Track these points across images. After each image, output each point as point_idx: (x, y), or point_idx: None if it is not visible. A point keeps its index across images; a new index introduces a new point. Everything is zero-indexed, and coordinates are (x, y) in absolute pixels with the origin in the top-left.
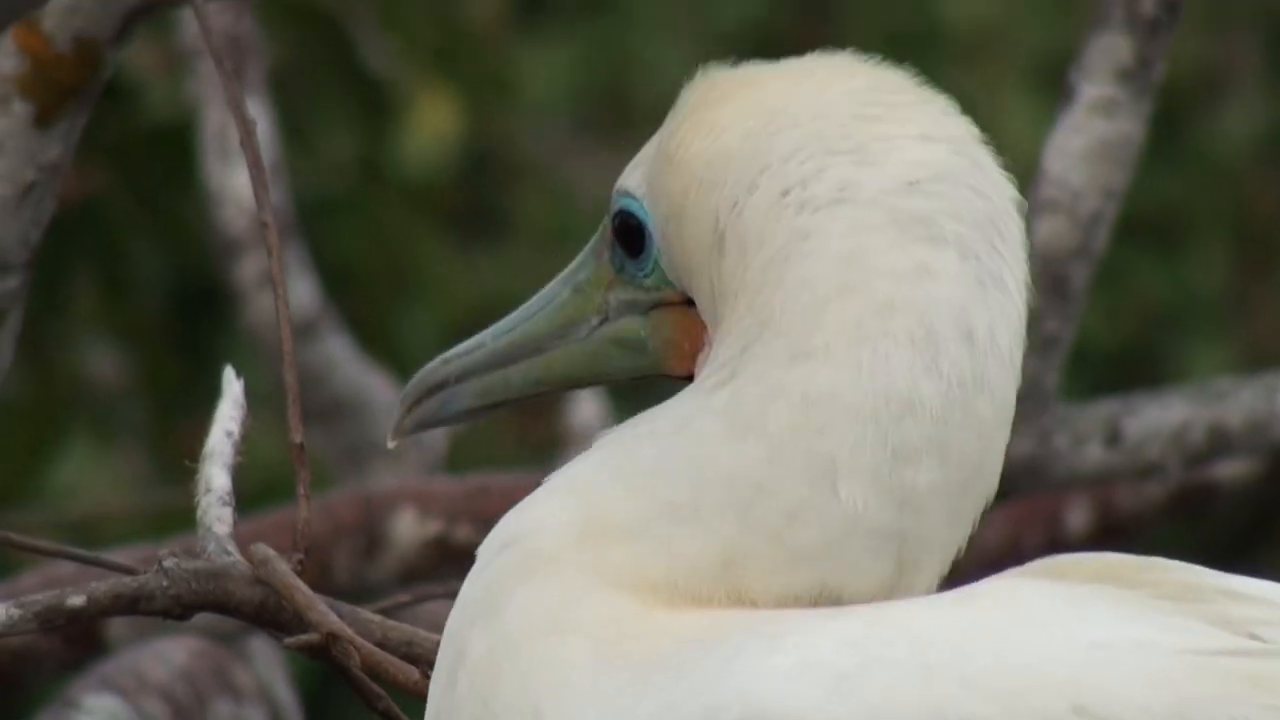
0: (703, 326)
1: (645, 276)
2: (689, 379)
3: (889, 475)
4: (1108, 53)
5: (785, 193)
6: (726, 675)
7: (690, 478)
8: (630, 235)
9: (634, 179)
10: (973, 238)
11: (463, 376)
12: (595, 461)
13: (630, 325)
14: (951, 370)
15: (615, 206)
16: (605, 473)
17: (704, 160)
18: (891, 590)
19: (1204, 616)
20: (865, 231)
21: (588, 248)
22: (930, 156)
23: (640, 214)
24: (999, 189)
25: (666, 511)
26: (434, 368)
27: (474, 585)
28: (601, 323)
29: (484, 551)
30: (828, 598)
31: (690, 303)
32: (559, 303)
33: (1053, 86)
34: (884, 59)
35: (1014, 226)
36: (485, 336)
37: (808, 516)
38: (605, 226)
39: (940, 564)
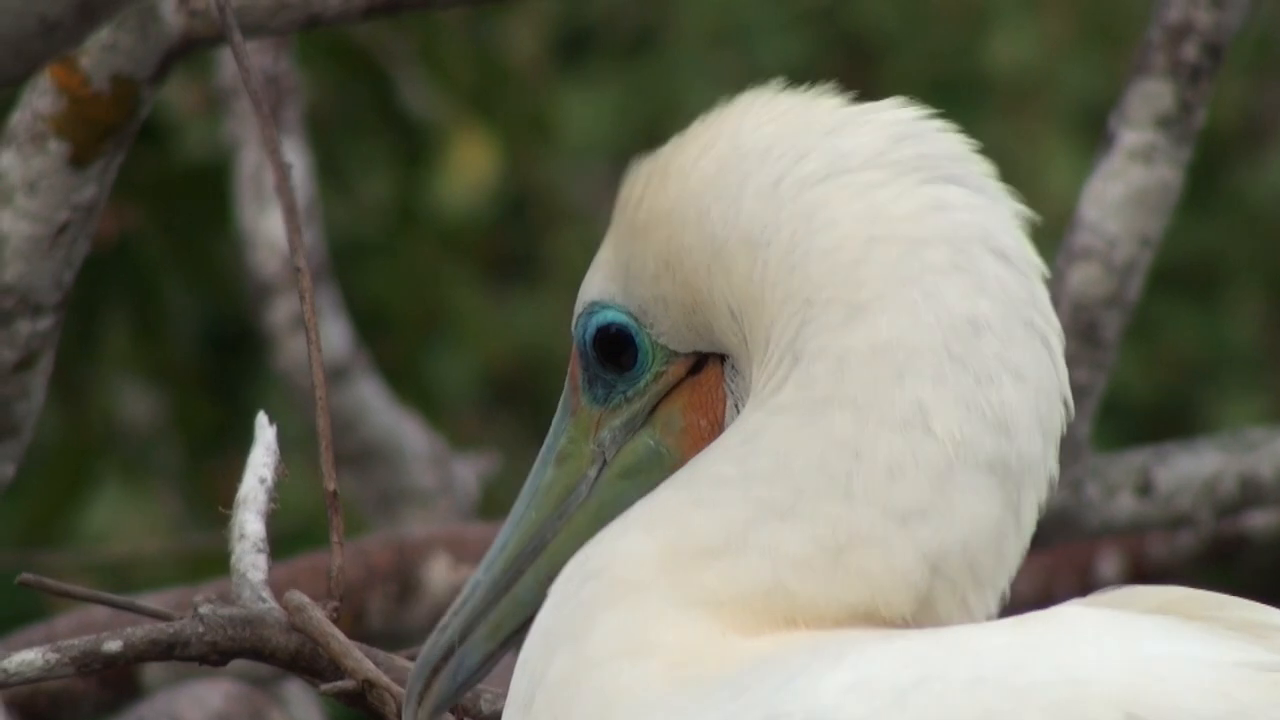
0: (716, 384)
1: (642, 375)
2: None
3: (976, 399)
4: (1149, 99)
5: (777, 182)
6: (788, 691)
7: (781, 473)
8: (614, 346)
9: (593, 289)
10: (967, 172)
11: (466, 631)
12: (663, 493)
13: (634, 446)
14: (997, 285)
15: (585, 332)
16: (680, 499)
17: (683, 200)
18: (1004, 539)
19: (1263, 643)
20: (872, 188)
21: (556, 419)
22: (901, 115)
23: (617, 318)
24: (959, 138)
25: (764, 513)
26: (432, 644)
27: (555, 616)
28: (601, 469)
29: (562, 585)
30: (944, 563)
31: (695, 369)
32: (545, 484)
33: (1095, 133)
34: (927, 105)
35: (984, 168)
36: (475, 580)
37: (909, 466)
38: (570, 377)
39: (1039, 498)
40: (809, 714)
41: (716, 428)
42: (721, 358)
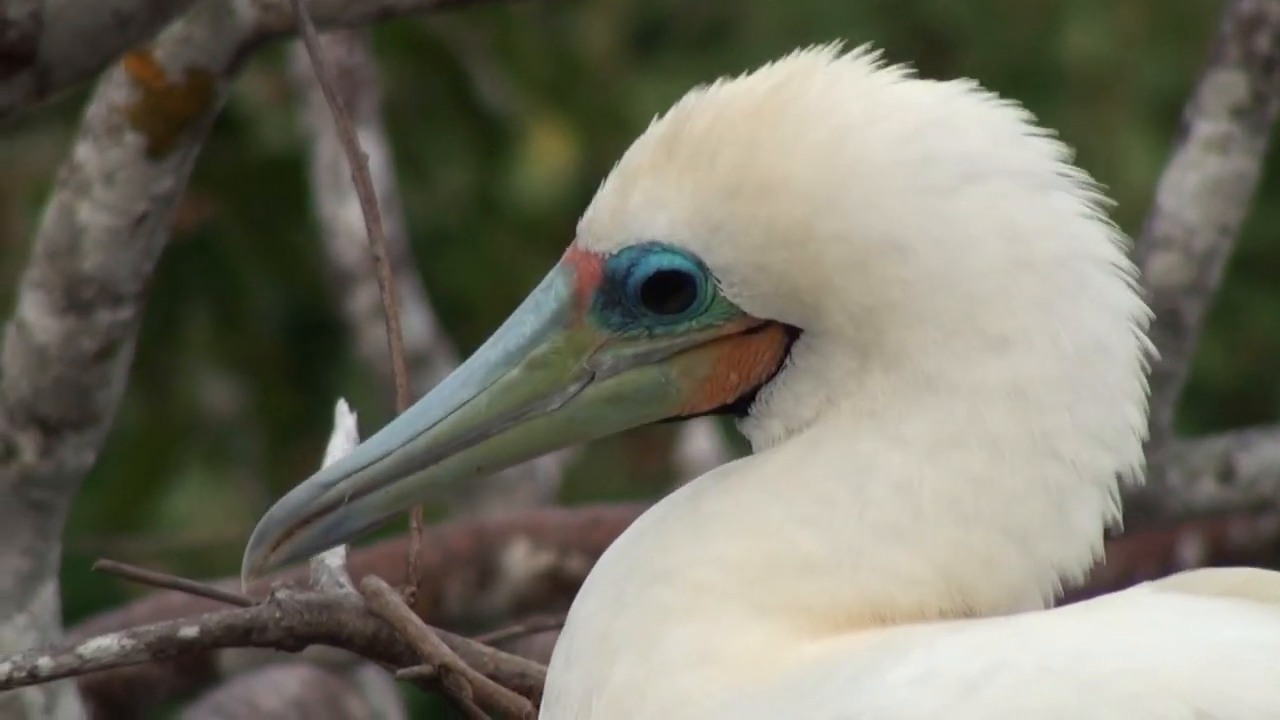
0: (767, 348)
1: (683, 321)
2: (709, 412)
3: (1101, 425)
4: (1223, 90)
5: (910, 186)
6: (854, 688)
7: (902, 501)
8: (667, 288)
9: (659, 228)
10: (1067, 178)
11: (360, 492)
12: (757, 502)
13: (639, 376)
14: (1116, 306)
15: (636, 268)
16: (783, 512)
17: (812, 183)
18: (1099, 545)
19: None
20: (1003, 198)
21: (532, 321)
22: (985, 111)
23: (683, 264)
24: (1049, 140)
25: (880, 536)
26: (308, 493)
27: (617, 618)
28: (583, 387)
29: (618, 583)
30: (1050, 575)
31: (753, 329)
32: (506, 383)
33: (1171, 123)
34: (1003, 96)
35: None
36: (381, 445)
37: (1036, 492)
38: (574, 292)
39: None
40: (875, 713)
41: (745, 382)
42: (787, 329)
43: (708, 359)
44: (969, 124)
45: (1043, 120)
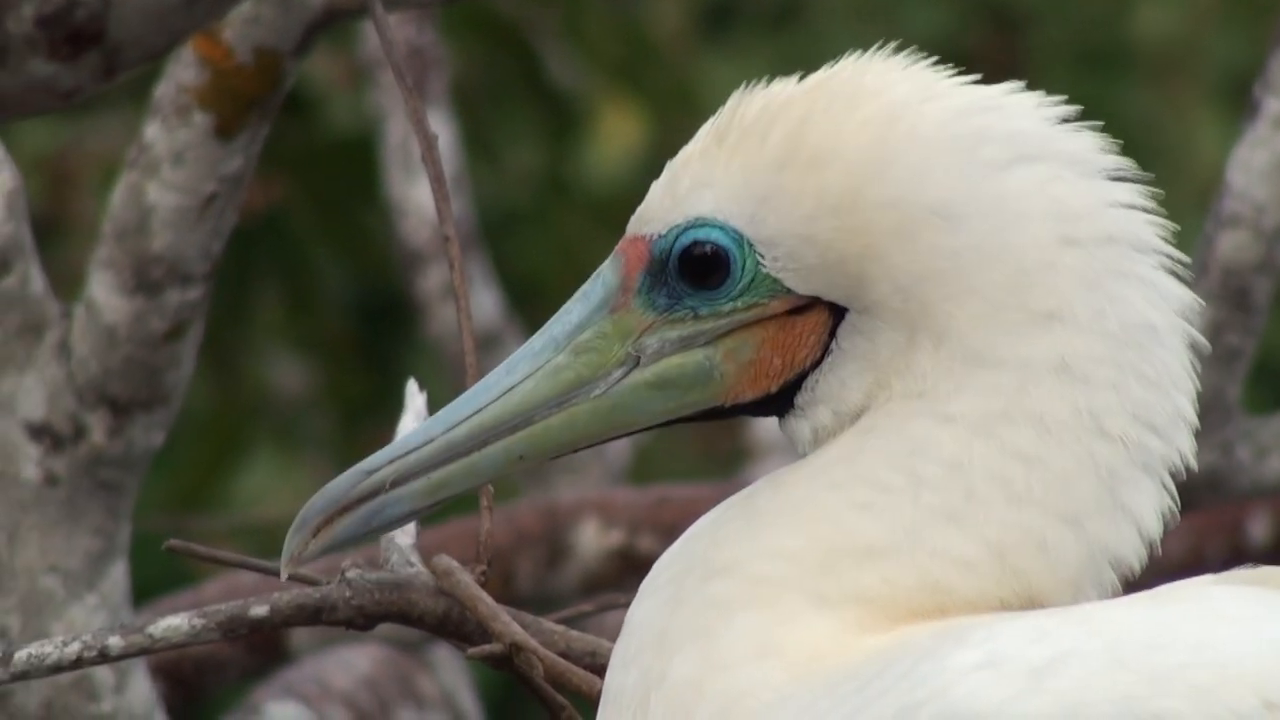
0: (812, 330)
1: (725, 301)
2: (743, 407)
3: (1148, 407)
4: None
5: (963, 160)
6: (917, 675)
7: (955, 482)
8: (703, 264)
9: (705, 205)
10: (1116, 164)
11: (400, 480)
12: (813, 494)
13: (683, 361)
14: (1165, 290)
15: (675, 241)
16: (839, 501)
17: (865, 151)
18: (1155, 531)
19: None
20: (1052, 181)
21: (581, 308)
22: (1046, 102)
23: (723, 238)
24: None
25: (934, 518)
26: (349, 480)
27: (675, 614)
28: (628, 372)
29: (678, 578)
30: (1097, 561)
31: (797, 310)
32: (552, 368)
33: (1241, 101)
34: (1073, 74)
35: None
36: (424, 432)
37: (1085, 471)
38: (621, 275)
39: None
40: (940, 700)
41: (790, 368)
42: (837, 309)
43: (752, 341)
44: (1021, 110)
45: (1113, 98)
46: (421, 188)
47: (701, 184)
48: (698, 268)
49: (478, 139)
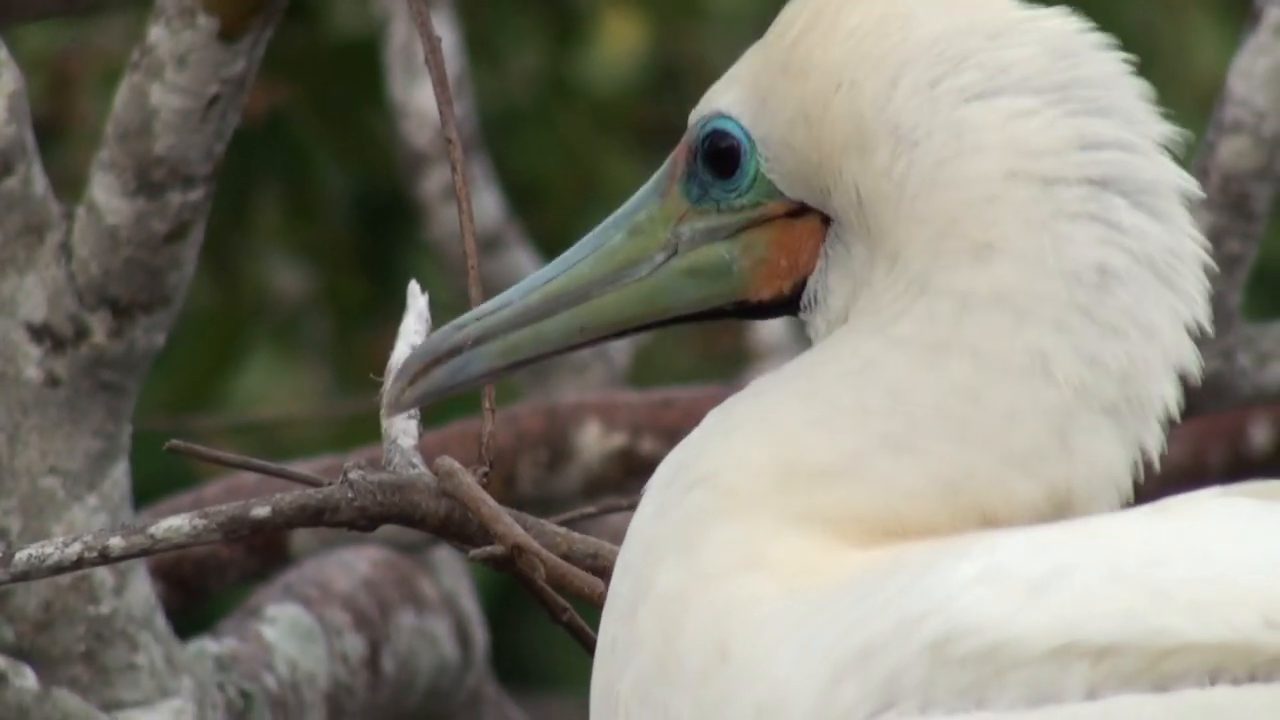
0: (809, 236)
1: (738, 196)
2: (769, 305)
3: (1100, 350)
4: None
5: (935, 83)
6: (916, 589)
7: (897, 409)
8: (722, 157)
9: (726, 99)
10: (1121, 102)
11: (482, 338)
12: (779, 403)
13: (710, 252)
14: (1135, 234)
15: (703, 131)
16: (797, 416)
17: (842, 62)
18: (1124, 473)
19: None
20: (1021, 116)
21: (643, 190)
22: (1064, 28)
23: (737, 132)
24: (1117, 59)
25: (879, 447)
26: (444, 334)
27: (659, 523)
28: (669, 258)
29: (665, 486)
30: (1058, 501)
31: (794, 214)
32: (609, 248)
33: (1241, 8)
34: None
35: (1136, 89)
36: (507, 297)
37: (1028, 413)
38: (672, 161)
39: (1161, 426)
40: (940, 614)
41: (795, 270)
42: (824, 218)
43: (763, 240)
44: (1032, 40)
45: (1110, 6)
46: (424, 90)
47: (732, 78)
48: (717, 159)
49: (480, 41)
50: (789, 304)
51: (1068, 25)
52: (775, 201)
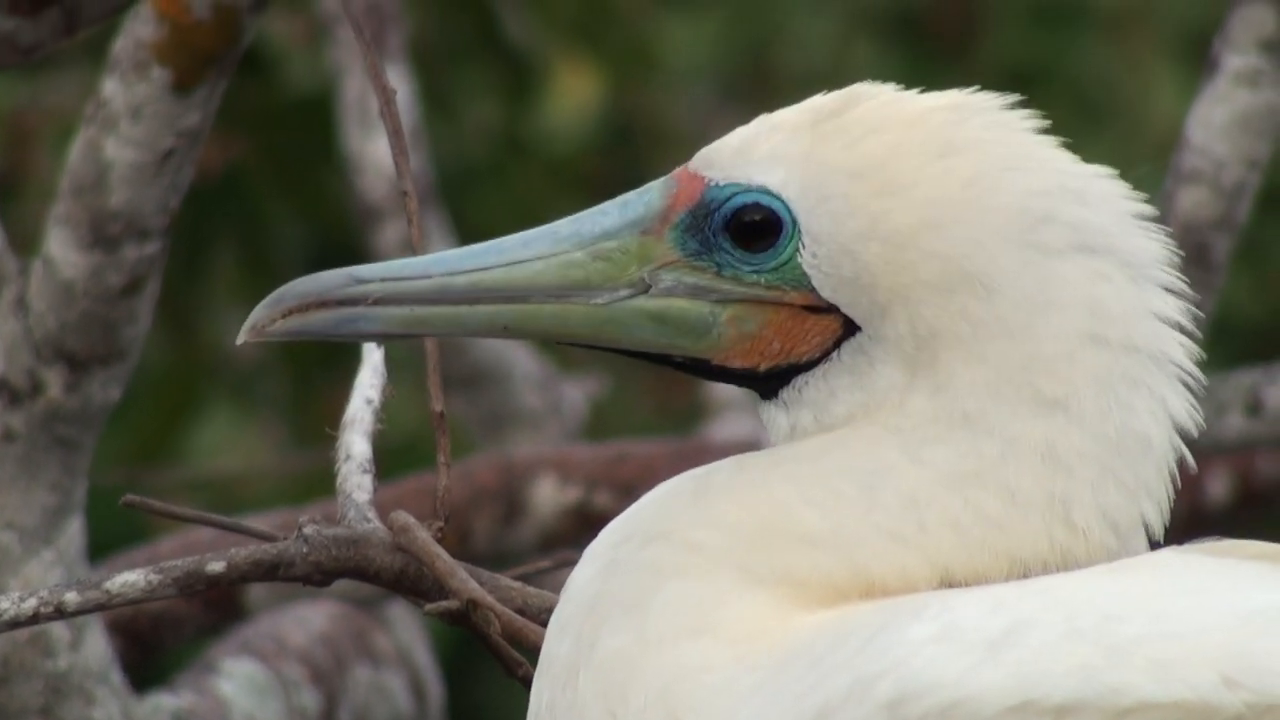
0: (819, 333)
1: (755, 272)
2: (730, 371)
3: (1119, 509)
4: (1251, 24)
5: (1024, 236)
6: (872, 649)
7: (910, 515)
8: (750, 230)
9: (773, 177)
10: (1169, 275)
11: (386, 300)
12: (773, 479)
13: (689, 307)
14: (1176, 410)
15: (732, 198)
16: (793, 493)
17: (932, 199)
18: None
19: None
20: (1100, 279)
21: (617, 215)
22: (1127, 192)
23: (783, 214)
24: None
25: (877, 535)
26: (338, 280)
27: (608, 580)
28: (634, 295)
29: (614, 545)
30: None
31: (813, 308)
32: (567, 261)
33: (1200, 57)
34: (1030, 28)
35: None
36: (423, 267)
37: (1038, 544)
38: (667, 205)
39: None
40: (897, 672)
41: (785, 356)
42: (848, 322)
43: (759, 318)
44: (1099, 200)
45: (1069, 54)
46: (379, 143)
47: (778, 157)
48: (744, 230)
49: (435, 96)
50: (754, 379)
51: (1121, 190)
52: (799, 292)
